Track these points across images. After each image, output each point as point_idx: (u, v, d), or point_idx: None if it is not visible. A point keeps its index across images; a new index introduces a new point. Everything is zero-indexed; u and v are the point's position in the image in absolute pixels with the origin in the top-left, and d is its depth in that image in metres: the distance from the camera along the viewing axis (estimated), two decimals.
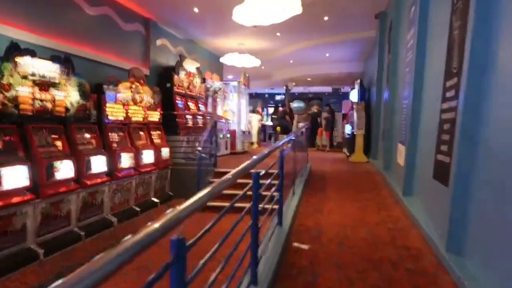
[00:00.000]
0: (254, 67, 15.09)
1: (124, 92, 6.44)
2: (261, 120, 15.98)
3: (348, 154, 11.13)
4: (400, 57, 6.17)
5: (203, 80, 10.47)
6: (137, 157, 6.56)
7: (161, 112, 7.84)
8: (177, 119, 8.52)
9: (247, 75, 13.25)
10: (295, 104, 20.28)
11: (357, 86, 11.58)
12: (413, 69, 4.77)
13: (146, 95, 7.17)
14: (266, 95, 23.22)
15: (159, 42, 8.76)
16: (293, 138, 6.31)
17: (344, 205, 5.04)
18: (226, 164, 8.46)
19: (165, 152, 7.64)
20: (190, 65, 9.60)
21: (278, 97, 22.95)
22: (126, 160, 6.27)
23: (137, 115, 6.87)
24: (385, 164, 6.86)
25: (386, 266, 3.01)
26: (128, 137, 6.54)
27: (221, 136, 10.93)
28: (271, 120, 15.27)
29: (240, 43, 11.33)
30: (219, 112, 12.45)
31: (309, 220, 4.33)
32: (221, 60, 11.23)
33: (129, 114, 6.59)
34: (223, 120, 11.16)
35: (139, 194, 6.81)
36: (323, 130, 14.32)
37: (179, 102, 8.79)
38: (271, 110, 21.35)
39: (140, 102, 6.96)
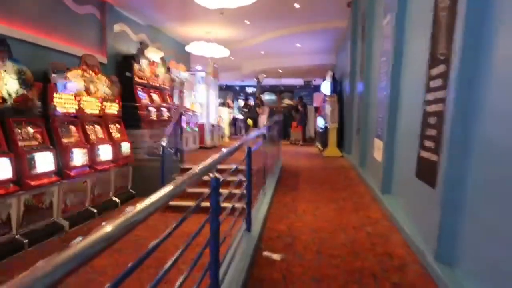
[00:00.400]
0: (224, 58, 14.54)
1: (75, 81, 5.76)
2: (231, 113, 15.45)
3: (321, 148, 10.85)
4: (375, 47, 5.85)
5: (168, 70, 9.83)
6: (92, 154, 5.92)
7: (121, 104, 7.18)
8: (139, 112, 7.88)
9: (215, 66, 12.68)
10: (266, 97, 19.89)
11: (329, 78, 11.29)
12: (390, 58, 4.44)
13: (102, 85, 6.50)
14: (237, 88, 22.68)
15: (117, 27, 8.04)
16: (264, 132, 5.89)
17: (319, 205, 4.67)
18: (194, 160, 7.95)
19: (126, 147, 7.02)
20: (153, 54, 8.94)
21: (249, 90, 22.48)
22: (79, 157, 5.62)
23: (91, 107, 6.20)
24: (361, 159, 6.57)
25: (368, 279, 2.64)
26: (81, 132, 5.88)
27: (188, 129, 10.38)
28: (241, 113, 14.78)
29: (207, 32, 10.75)
30: (187, 104, 11.85)
31: (281, 224, 3.92)
32: (187, 48, 10.61)
33: (82, 106, 5.92)
34: (191, 113, 10.60)
35: (96, 194, 6.17)
36: (296, 123, 14.00)
37: (141, 93, 8.14)
38: (242, 102, 20.88)
39: (95, 92, 6.29)
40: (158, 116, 8.51)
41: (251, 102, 18.56)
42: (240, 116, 17.60)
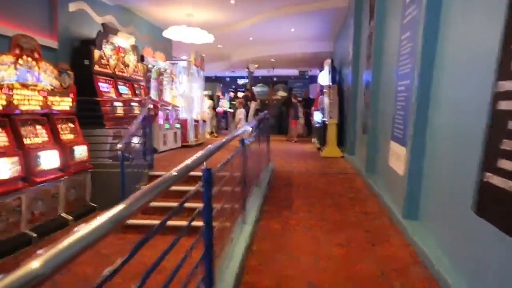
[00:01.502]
0: (211, 46, 13.17)
1: (1, 69, 4.44)
2: (213, 106, 14.17)
3: (318, 146, 9.60)
4: (391, 22, 4.57)
5: (142, 59, 8.49)
6: (27, 162, 4.62)
7: (75, 98, 5.87)
8: (102, 107, 6.57)
9: (202, 55, 11.33)
10: (258, 89, 18.54)
11: (326, 67, 10.00)
12: (419, 35, 3.17)
13: (46, 75, 5.17)
14: (227, 79, 21.32)
15: (73, 6, 6.66)
16: (250, 128, 4.63)
17: (319, 235, 3.42)
18: (170, 163, 6.71)
19: (80, 151, 5.72)
20: (122, 39, 7.59)
21: (240, 81, 21.12)
22: (6, 169, 4.32)
23: (29, 102, 4.88)
24: (368, 163, 5.34)
25: None
26: (11, 134, 4.56)
27: (167, 126, 9.09)
28: (231, 107, 13.49)
29: (188, 14, 9.39)
30: (167, 98, 10.54)
31: (266, 273, 2.68)
32: (165, 34, 9.25)
33: (13, 101, 4.60)
34: (170, 107, 9.29)
35: (38, 212, 4.89)
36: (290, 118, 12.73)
37: (104, 85, 6.81)
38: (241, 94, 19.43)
39: (35, 85, 4.97)
40: (126, 112, 7.19)
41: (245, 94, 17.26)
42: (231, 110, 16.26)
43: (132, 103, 7.58)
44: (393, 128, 3.94)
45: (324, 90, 8.23)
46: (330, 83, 9.35)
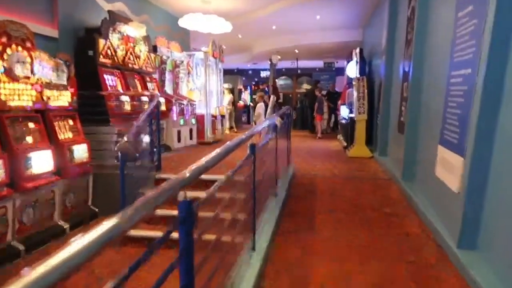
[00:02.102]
0: (230, 36, 12.45)
1: None
2: (232, 100, 13.50)
3: (344, 144, 8.79)
4: (443, 4, 3.73)
5: (155, 50, 7.90)
6: (15, 166, 4.11)
7: (77, 92, 5.34)
8: (107, 102, 6.02)
9: (222, 46, 10.68)
10: (281, 82, 17.78)
11: (355, 58, 9.12)
12: (490, 7, 2.36)
13: (40, 67, 4.64)
14: (250, 72, 20.59)
15: None
16: (270, 126, 3.95)
17: (349, 271, 2.69)
18: (180, 163, 6.13)
19: (81, 151, 5.19)
20: (132, 28, 7.01)
21: (263, 74, 20.35)
22: None
23: (20, 97, 4.36)
24: (406, 170, 4.54)
25: None
26: None
27: (182, 122, 8.53)
28: (252, 101, 12.80)
29: (204, 1, 8.72)
30: (183, 91, 9.97)
31: None
32: (180, 22, 8.62)
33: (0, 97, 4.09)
34: (185, 102, 8.70)
35: (28, 221, 4.38)
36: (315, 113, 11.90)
37: (110, 77, 6.25)
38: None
39: (27, 77, 4.44)
40: (134, 108, 6.62)
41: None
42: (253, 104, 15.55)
43: (142, 98, 7.01)
44: (443, 130, 3.14)
45: (353, 83, 7.40)
46: (359, 75, 8.49)
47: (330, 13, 9.61)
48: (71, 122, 5.28)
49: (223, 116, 11.02)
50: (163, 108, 7.77)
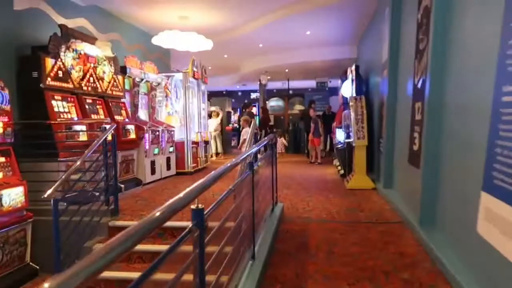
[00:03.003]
0: (215, 57, 11.63)
1: None
2: (220, 123, 12.52)
3: (342, 172, 7.79)
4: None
5: (123, 70, 6.95)
6: None
7: (10, 122, 4.33)
8: (55, 133, 4.99)
9: (205, 66, 9.78)
10: (272, 103, 16.89)
11: (350, 76, 8.24)
12: None
13: None
14: (239, 93, 19.77)
15: (21, 3, 5.17)
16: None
17: None
18: (150, 203, 5.12)
19: (14, 195, 4.14)
20: (93, 47, 6.08)
21: (253, 95, 19.53)
22: None
23: None
24: (424, 213, 3.51)
25: None
26: None
27: (156, 151, 7.52)
28: (238, 124, 11.84)
29: (181, 16, 7.86)
30: (162, 116, 9.00)
31: None
32: (154, 40, 7.73)
33: None
34: (160, 128, 7.71)
35: None
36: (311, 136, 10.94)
37: (60, 103, 5.24)
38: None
39: None
40: (92, 138, 5.59)
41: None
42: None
43: (106, 126, 5.98)
44: (491, 171, 2.13)
45: (350, 104, 6.45)
46: (355, 95, 7.58)
47: (321, 28, 8.79)
48: (2, 159, 4.24)
49: (206, 142, 10.00)
50: (132, 136, 6.77)
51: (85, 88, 5.78)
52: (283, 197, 5.73)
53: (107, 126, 4.80)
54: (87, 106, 5.80)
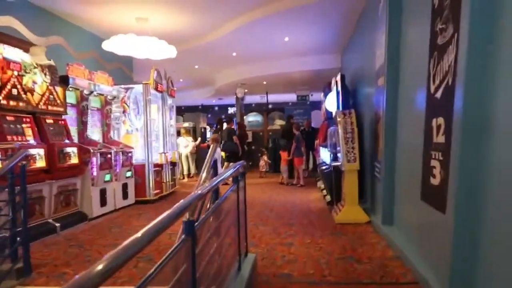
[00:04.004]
0: (184, 66, 10.51)
1: None
2: (194, 140, 11.29)
3: (328, 198, 6.70)
4: None
5: (64, 81, 5.72)
6: None
7: None
8: None
9: (167, 76, 8.63)
10: (250, 118, 15.82)
11: (335, 87, 7.25)
12: None
13: None
14: (216, 108, 18.63)
15: None
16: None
17: None
18: (84, 252, 3.85)
19: None
20: (17, 50, 4.85)
21: (231, 110, 18.43)
22: None
23: None
24: (457, 281, 2.39)
25: None
26: None
27: (107, 178, 6.29)
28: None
29: (139, 18, 6.72)
30: (121, 135, 7.77)
31: None
32: (104, 45, 6.54)
33: None
34: (113, 150, 6.48)
35: None
36: (285, 155, 9.84)
37: None
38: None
39: None
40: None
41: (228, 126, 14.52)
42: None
43: (33, 150, 4.72)
44: None
45: (338, 119, 5.39)
46: (342, 108, 6.56)
47: (300, 34, 7.81)
48: None
49: (174, 164, 8.78)
50: (73, 161, 5.52)
51: (3, 102, 4.53)
52: (258, 238, 4.56)
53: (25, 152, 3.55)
54: (5, 125, 4.53)
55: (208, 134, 16.78)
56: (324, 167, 7.26)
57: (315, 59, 9.66)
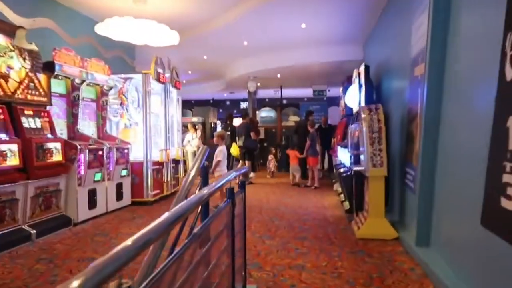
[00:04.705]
0: (193, 57, 9.81)
1: None
2: (201, 137, 10.55)
3: (347, 206, 5.90)
4: None
5: (48, 67, 5.06)
6: None
7: None
8: None
9: (172, 66, 7.95)
10: (262, 114, 15.03)
11: (358, 80, 6.42)
12: None
13: None
14: (228, 102, 17.89)
15: None
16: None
17: None
18: (52, 268, 3.15)
19: None
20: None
21: (243, 105, 17.66)
22: None
23: None
24: None
25: None
26: None
27: (98, 177, 5.64)
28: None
29: (137, 0, 6.01)
30: (119, 130, 7.15)
31: None
32: (97, 29, 5.84)
33: None
34: (105, 146, 5.83)
35: None
36: (296, 153, 9.02)
37: None
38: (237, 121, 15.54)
39: None
40: None
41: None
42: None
43: (11, 146, 4.06)
44: None
45: (362, 115, 4.55)
46: (365, 103, 5.73)
47: (319, 20, 6.97)
48: None
49: (177, 162, 8.10)
50: (56, 158, 4.85)
51: None
52: (263, 256, 3.80)
53: None
54: None
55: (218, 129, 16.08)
56: (342, 169, 6.43)
57: (334, 50, 8.79)
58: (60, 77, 5.46)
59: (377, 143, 4.38)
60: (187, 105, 16.54)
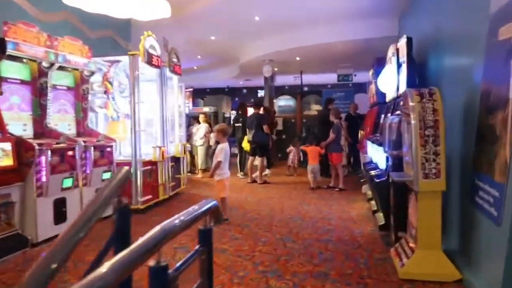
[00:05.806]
0: (199, 38, 8.59)
1: None
2: (208, 132, 9.34)
3: (381, 220, 4.59)
4: None
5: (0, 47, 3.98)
6: None
7: None
8: None
9: (168, 46, 6.80)
10: (281, 102, 13.71)
11: (396, 59, 5.03)
12: None
13: None
14: (244, 91, 16.62)
15: None
16: None
17: None
18: None
19: None
20: None
21: (261, 93, 16.37)
22: None
23: None
24: None
25: None
26: None
27: (67, 183, 4.56)
28: (234, 131, 8.72)
29: None
30: (100, 123, 6.11)
31: None
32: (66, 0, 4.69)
33: None
34: (78, 145, 4.73)
35: None
36: (319, 150, 7.65)
37: None
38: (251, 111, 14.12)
39: None
40: None
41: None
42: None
43: None
44: None
45: (410, 104, 3.21)
46: (406, 87, 4.34)
47: None
48: None
49: (177, 159, 6.98)
50: (5, 163, 3.79)
51: None
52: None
53: None
54: None
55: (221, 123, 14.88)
56: (373, 172, 5.08)
57: (363, 25, 7.34)
58: (24, 60, 4.44)
59: (432, 143, 3.05)
60: (201, 93, 15.44)
